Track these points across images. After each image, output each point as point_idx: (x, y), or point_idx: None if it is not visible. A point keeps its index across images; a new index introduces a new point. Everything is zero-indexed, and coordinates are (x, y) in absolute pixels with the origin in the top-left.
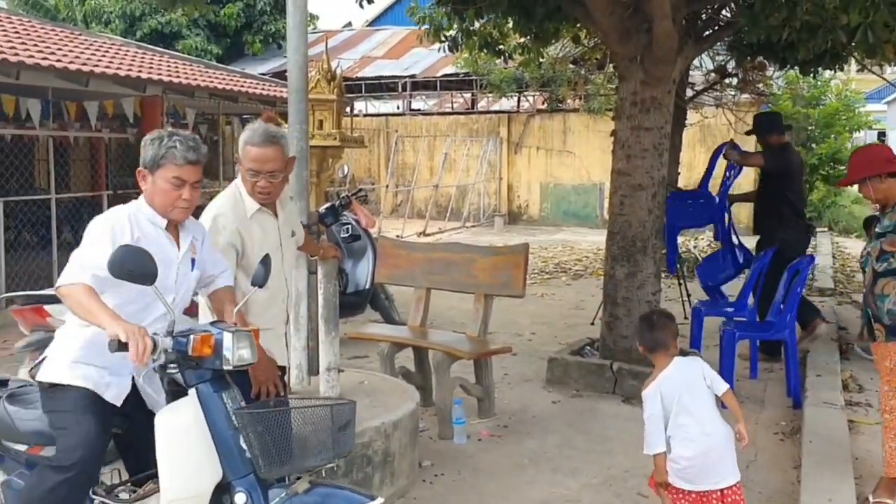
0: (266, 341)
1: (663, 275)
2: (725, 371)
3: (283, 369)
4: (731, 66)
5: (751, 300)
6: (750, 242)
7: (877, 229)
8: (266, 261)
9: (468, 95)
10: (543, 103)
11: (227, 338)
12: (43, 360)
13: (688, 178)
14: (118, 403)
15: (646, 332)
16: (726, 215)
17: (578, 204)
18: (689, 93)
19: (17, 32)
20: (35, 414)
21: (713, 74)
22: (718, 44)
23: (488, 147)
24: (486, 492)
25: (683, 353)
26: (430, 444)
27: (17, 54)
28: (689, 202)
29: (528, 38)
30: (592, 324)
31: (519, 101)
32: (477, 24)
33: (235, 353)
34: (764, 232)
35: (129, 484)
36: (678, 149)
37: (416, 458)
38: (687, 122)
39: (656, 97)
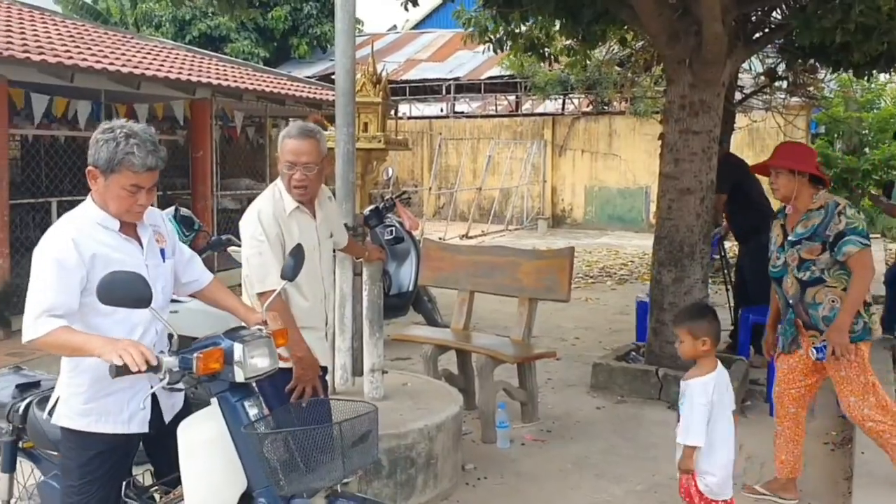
0: (307, 341)
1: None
2: (773, 378)
3: (324, 369)
4: (781, 68)
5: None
6: None
7: (790, 238)
8: (296, 252)
9: (512, 98)
10: (588, 106)
11: (238, 349)
12: (57, 401)
13: None
14: (146, 429)
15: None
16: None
17: (624, 207)
18: (738, 96)
19: (70, 36)
20: None
21: (762, 77)
22: (769, 46)
23: (532, 150)
24: (529, 496)
25: (730, 360)
26: (472, 447)
27: (71, 57)
28: None
29: (575, 40)
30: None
31: (564, 103)
32: (522, 27)
33: (248, 363)
34: (747, 240)
35: (161, 486)
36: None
37: (459, 460)
38: (735, 125)
39: (705, 100)
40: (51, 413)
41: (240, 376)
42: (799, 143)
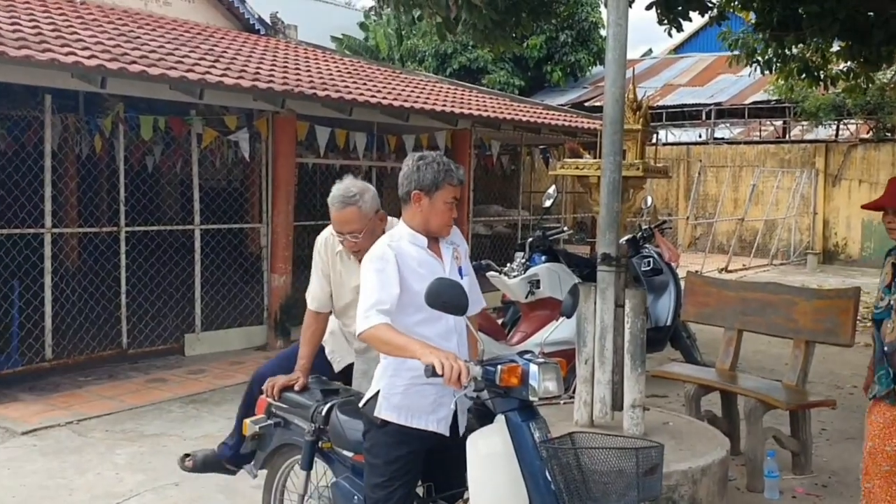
0: None
1: None
2: None
3: None
4: None
5: None
6: None
7: None
8: (574, 291)
9: (779, 123)
10: (868, 132)
11: (534, 370)
12: (376, 394)
13: None
14: (447, 433)
15: None
16: None
17: None
18: None
19: (348, 72)
20: (361, 425)
21: None
22: None
23: (802, 179)
24: None
25: None
26: (737, 494)
27: (350, 92)
28: None
29: (856, 62)
30: None
31: (838, 129)
32: (795, 50)
33: (542, 384)
34: None
35: (440, 501)
36: None
37: None
38: None
39: None
40: (366, 404)
41: (533, 395)
42: None
